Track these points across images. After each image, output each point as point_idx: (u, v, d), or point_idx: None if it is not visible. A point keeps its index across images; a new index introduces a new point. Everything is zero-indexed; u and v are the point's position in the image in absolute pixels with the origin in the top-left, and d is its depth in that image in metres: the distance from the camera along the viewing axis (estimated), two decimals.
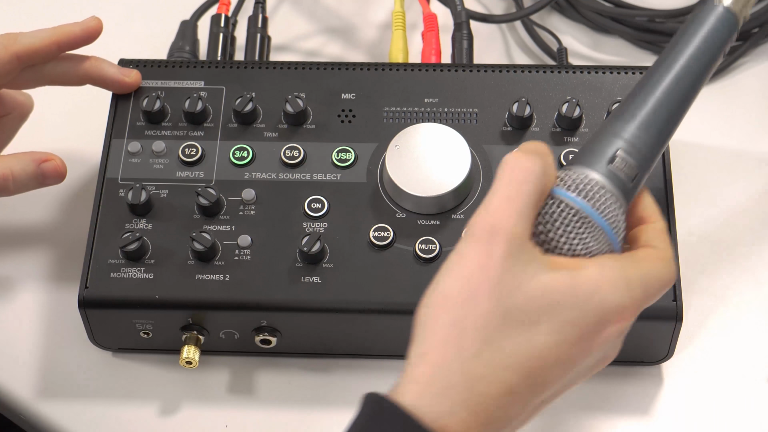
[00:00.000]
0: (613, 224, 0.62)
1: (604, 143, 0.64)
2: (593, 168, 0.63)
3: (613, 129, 0.64)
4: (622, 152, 0.63)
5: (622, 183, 0.63)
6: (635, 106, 0.65)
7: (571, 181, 0.62)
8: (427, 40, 0.87)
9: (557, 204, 0.61)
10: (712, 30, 0.68)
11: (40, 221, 0.85)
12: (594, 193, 0.61)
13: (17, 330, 0.81)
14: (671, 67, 0.67)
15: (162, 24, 0.93)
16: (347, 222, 0.77)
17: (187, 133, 0.80)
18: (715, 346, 0.79)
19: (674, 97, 0.66)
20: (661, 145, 0.65)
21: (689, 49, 0.67)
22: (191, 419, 0.77)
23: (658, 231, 0.64)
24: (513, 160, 0.60)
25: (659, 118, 0.65)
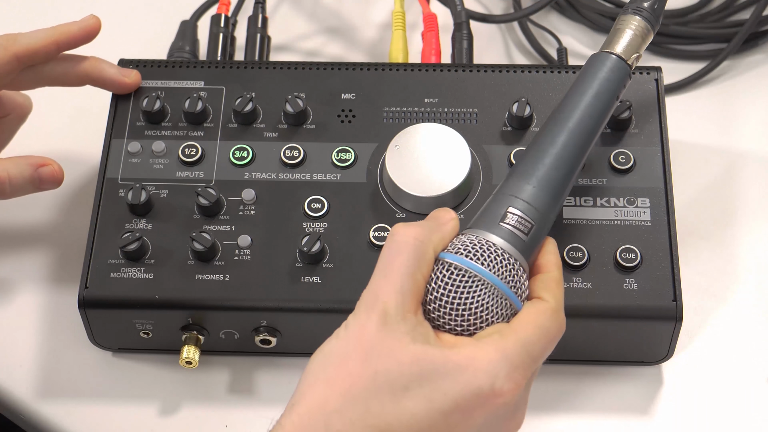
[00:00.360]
0: (507, 279, 0.62)
1: (495, 204, 0.65)
2: (484, 228, 0.63)
3: (504, 189, 0.65)
4: (513, 208, 0.64)
5: (515, 238, 0.63)
6: (527, 164, 0.66)
7: (460, 244, 0.63)
8: (427, 40, 0.87)
9: (445, 268, 0.62)
10: (604, 81, 0.70)
11: (40, 221, 0.85)
12: (484, 252, 0.62)
13: (17, 330, 0.81)
14: (564, 120, 0.68)
15: (162, 24, 0.93)
16: (347, 222, 0.77)
17: (187, 133, 0.80)
18: (715, 346, 0.79)
19: (570, 154, 0.67)
20: (556, 200, 0.66)
21: (583, 103, 0.69)
22: (191, 419, 0.77)
23: (550, 281, 0.64)
24: (392, 235, 0.62)
25: (555, 175, 0.66)
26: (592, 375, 0.77)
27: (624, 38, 0.71)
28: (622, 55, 0.71)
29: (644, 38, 0.72)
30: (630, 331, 0.74)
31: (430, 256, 0.62)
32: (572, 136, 0.67)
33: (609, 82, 0.70)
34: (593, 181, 0.77)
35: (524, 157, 0.67)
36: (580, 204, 0.77)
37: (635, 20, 0.72)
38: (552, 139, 0.67)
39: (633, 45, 0.71)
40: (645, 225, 0.76)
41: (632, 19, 0.72)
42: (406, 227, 0.62)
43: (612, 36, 0.72)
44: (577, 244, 0.75)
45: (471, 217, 0.76)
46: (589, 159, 0.78)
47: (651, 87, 0.81)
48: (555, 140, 0.67)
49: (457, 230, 0.64)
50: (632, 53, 0.71)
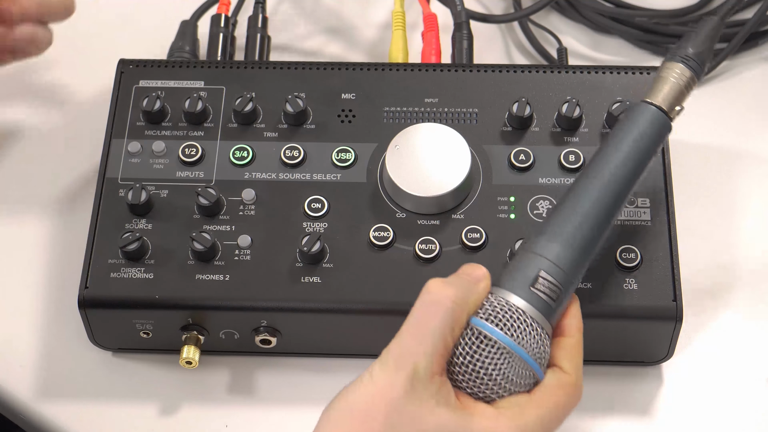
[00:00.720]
0: (534, 351, 0.62)
1: (527, 264, 0.64)
2: (515, 292, 0.63)
3: (536, 247, 0.65)
4: (544, 273, 0.63)
5: (544, 305, 0.63)
6: (561, 222, 0.65)
7: (491, 310, 0.62)
8: (427, 40, 0.87)
9: (474, 335, 0.62)
10: (643, 135, 0.67)
11: (40, 221, 0.85)
12: (513, 321, 0.62)
13: (17, 330, 0.81)
14: (600, 177, 0.66)
15: (162, 24, 0.93)
16: (347, 222, 0.77)
17: (187, 133, 0.80)
18: (715, 346, 0.79)
19: (602, 211, 0.66)
20: (586, 260, 0.65)
21: (619, 156, 0.67)
22: (191, 419, 0.77)
23: (571, 347, 0.64)
24: (428, 293, 0.62)
25: (585, 235, 0.65)
26: (592, 375, 0.77)
27: (667, 89, 0.69)
28: (664, 107, 0.68)
29: (688, 88, 0.70)
30: (630, 331, 0.74)
31: (464, 320, 0.62)
32: (606, 194, 0.66)
33: (648, 137, 0.67)
34: None
35: (557, 214, 0.66)
36: None
37: (679, 68, 0.70)
38: (587, 197, 0.66)
39: (676, 97, 0.69)
40: (645, 225, 0.76)
41: (676, 68, 0.70)
42: (443, 286, 0.62)
43: (656, 85, 0.70)
44: None
45: (471, 218, 0.76)
46: (588, 159, 0.78)
47: None
48: (589, 198, 0.65)
49: (489, 289, 0.64)
50: (675, 105, 0.69)
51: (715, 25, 0.72)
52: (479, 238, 0.75)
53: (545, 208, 0.77)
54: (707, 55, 0.71)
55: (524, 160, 0.78)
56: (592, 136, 0.79)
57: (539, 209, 0.77)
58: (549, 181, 0.78)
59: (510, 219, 0.76)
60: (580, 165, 0.78)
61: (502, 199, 0.77)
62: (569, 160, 0.78)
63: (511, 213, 0.77)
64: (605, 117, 0.80)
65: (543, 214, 0.76)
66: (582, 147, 0.79)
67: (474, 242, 0.75)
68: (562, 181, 0.78)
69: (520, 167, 0.78)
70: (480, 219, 0.76)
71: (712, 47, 0.71)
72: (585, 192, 0.66)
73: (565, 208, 0.66)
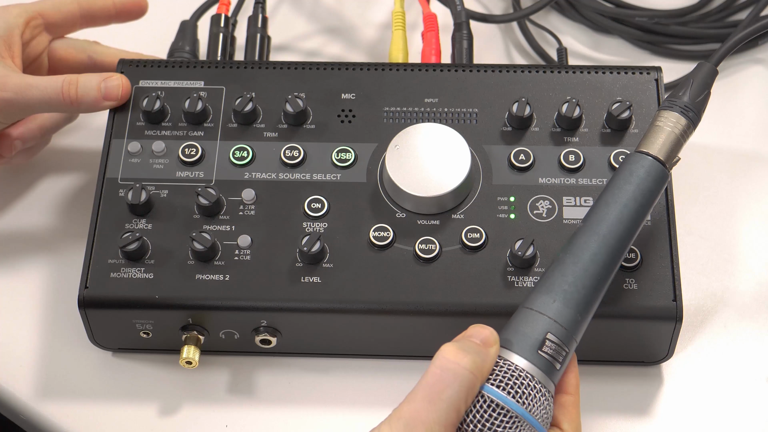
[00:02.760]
0: (541, 416, 0.62)
1: (532, 324, 0.64)
2: (523, 355, 0.63)
3: (540, 307, 0.64)
4: (551, 335, 0.63)
5: (551, 367, 0.63)
6: (563, 279, 0.65)
7: (502, 376, 0.62)
8: (427, 40, 0.87)
9: (487, 404, 0.62)
10: (641, 187, 0.67)
11: (40, 221, 0.85)
12: (524, 388, 0.62)
13: (17, 330, 0.81)
14: (599, 232, 0.66)
15: (162, 24, 0.93)
16: (347, 222, 0.77)
17: (187, 133, 0.80)
18: (715, 346, 0.79)
19: (602, 266, 0.66)
20: (586, 318, 0.65)
21: (617, 209, 0.67)
22: (191, 419, 0.77)
23: (570, 406, 0.65)
24: (444, 360, 0.61)
25: (587, 293, 0.65)
26: (592, 375, 0.77)
27: (664, 139, 0.69)
28: (661, 158, 0.68)
29: (684, 138, 0.69)
30: (630, 331, 0.74)
31: (477, 389, 0.62)
32: (607, 250, 0.66)
33: (647, 190, 0.67)
34: (593, 181, 0.78)
35: (559, 271, 0.65)
36: (580, 204, 0.77)
37: (674, 117, 0.69)
38: (588, 253, 0.65)
39: (673, 147, 0.69)
40: (645, 225, 0.76)
41: (672, 117, 0.69)
42: (459, 354, 0.61)
43: (651, 134, 0.69)
44: None
45: (471, 218, 0.76)
46: (589, 159, 0.78)
47: (651, 87, 0.81)
48: (591, 254, 0.65)
49: (498, 353, 0.64)
50: (672, 156, 0.69)
51: (709, 72, 0.72)
52: (479, 238, 0.75)
53: (545, 208, 0.77)
54: (703, 104, 0.70)
55: (524, 160, 0.78)
56: (592, 136, 0.79)
57: (539, 209, 0.77)
58: (549, 181, 0.78)
59: (510, 219, 0.76)
60: (580, 165, 0.78)
61: (502, 199, 0.77)
62: (569, 160, 0.78)
63: (511, 213, 0.77)
64: (605, 117, 0.80)
65: (543, 214, 0.76)
66: (582, 147, 0.79)
67: (474, 242, 0.75)
68: (562, 181, 0.78)
69: (520, 167, 0.78)
70: (480, 219, 0.76)
71: (708, 95, 0.71)
72: (586, 248, 0.66)
73: (566, 265, 0.66)
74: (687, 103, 0.70)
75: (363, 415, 0.77)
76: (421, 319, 0.74)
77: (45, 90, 0.77)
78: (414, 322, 0.75)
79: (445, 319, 0.74)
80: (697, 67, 0.72)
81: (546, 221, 0.76)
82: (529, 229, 0.76)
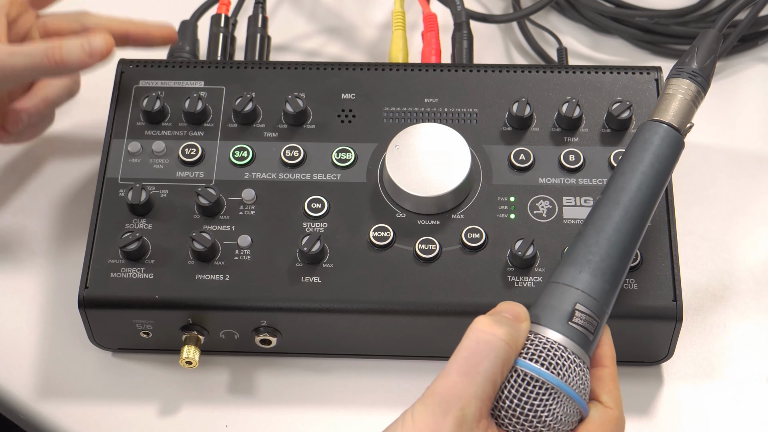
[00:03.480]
0: (578, 387, 0.62)
1: (560, 298, 0.63)
2: (554, 327, 0.62)
3: (567, 279, 0.64)
4: (581, 305, 0.63)
5: (583, 338, 0.62)
6: (587, 251, 0.64)
7: (534, 349, 0.61)
8: (427, 40, 0.87)
9: (521, 378, 0.61)
10: (658, 154, 0.67)
11: (41, 221, 0.85)
12: (558, 359, 0.61)
13: (17, 330, 0.81)
14: (620, 201, 0.66)
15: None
16: (347, 222, 0.77)
17: (187, 133, 0.80)
18: (715, 346, 0.79)
19: (626, 235, 0.65)
20: (616, 288, 0.65)
21: (636, 178, 0.66)
22: (191, 419, 0.77)
23: (608, 378, 0.64)
24: (479, 331, 0.60)
25: (613, 262, 0.64)
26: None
27: (676, 105, 0.69)
28: (675, 125, 0.68)
29: (696, 104, 0.70)
30: (630, 331, 0.74)
31: (512, 361, 0.61)
32: (630, 219, 0.65)
33: (664, 157, 0.67)
34: (593, 181, 0.78)
35: (583, 243, 0.65)
36: (580, 204, 0.77)
37: (685, 84, 0.70)
38: (610, 223, 0.65)
39: (686, 113, 0.69)
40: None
41: (682, 84, 0.70)
42: (494, 325, 0.60)
43: (663, 102, 0.69)
44: None
45: (471, 218, 0.76)
46: (589, 159, 0.78)
47: (651, 87, 0.81)
48: (613, 224, 0.65)
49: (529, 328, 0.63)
50: (686, 122, 0.69)
51: (714, 38, 0.72)
52: (479, 238, 0.75)
53: (545, 208, 0.77)
54: (711, 69, 0.71)
55: (524, 160, 0.78)
56: (592, 136, 0.79)
57: (539, 209, 0.77)
58: (549, 181, 0.78)
59: (510, 219, 0.76)
60: (580, 165, 0.78)
61: (502, 199, 0.77)
62: (569, 160, 0.78)
63: (511, 213, 0.77)
64: (605, 117, 0.80)
65: (543, 214, 0.76)
66: (582, 147, 0.79)
67: (474, 242, 0.75)
68: (562, 181, 0.78)
69: (520, 167, 0.78)
70: (480, 219, 0.76)
71: (714, 60, 0.71)
72: (608, 219, 0.65)
73: (590, 237, 0.65)
74: (695, 69, 0.70)
75: (363, 415, 0.77)
76: (421, 319, 0.74)
77: (30, 54, 0.77)
78: (414, 322, 0.75)
79: (445, 319, 0.74)
80: (701, 35, 0.72)
81: (546, 221, 0.76)
82: (529, 229, 0.76)
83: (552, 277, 0.65)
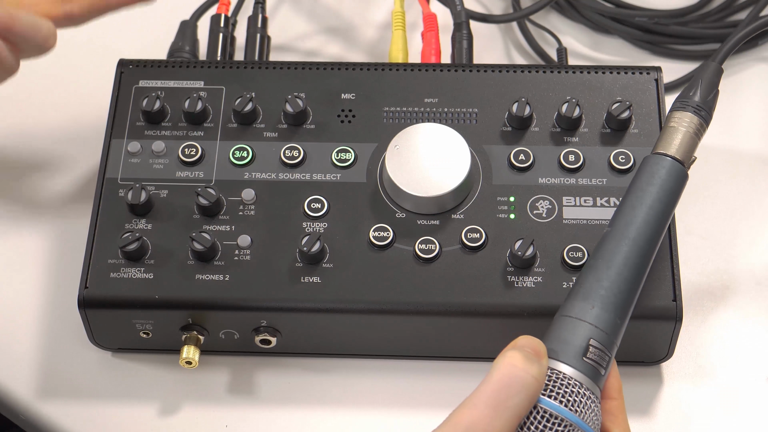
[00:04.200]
0: (593, 422, 0.62)
1: (573, 332, 0.63)
2: (570, 363, 0.62)
3: (579, 313, 0.64)
4: (594, 341, 0.63)
5: (596, 372, 0.63)
6: (599, 285, 0.65)
7: (552, 386, 0.61)
8: (427, 40, 0.87)
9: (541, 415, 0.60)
10: (664, 188, 0.68)
11: (40, 221, 0.85)
12: (575, 396, 0.61)
13: (17, 330, 0.81)
14: (629, 235, 0.66)
15: (162, 24, 0.93)
16: (347, 222, 0.77)
17: (187, 133, 0.80)
18: (715, 346, 0.79)
19: (635, 269, 0.66)
20: (625, 321, 0.65)
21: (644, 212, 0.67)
22: (191, 419, 0.77)
23: (616, 411, 0.64)
24: (512, 367, 0.59)
25: (624, 296, 0.65)
26: None
27: (680, 139, 0.70)
28: (679, 158, 0.69)
29: (699, 136, 0.71)
30: (630, 331, 0.74)
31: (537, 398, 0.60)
32: (638, 253, 0.66)
33: (670, 191, 0.68)
34: (593, 181, 0.78)
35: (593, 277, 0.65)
36: (580, 204, 0.77)
37: (687, 118, 0.70)
38: (620, 257, 0.65)
39: (690, 146, 0.70)
40: None
41: (685, 117, 0.70)
42: (526, 363, 0.60)
43: (667, 135, 0.70)
44: (577, 244, 0.75)
45: (471, 218, 0.76)
46: (589, 159, 0.78)
47: (651, 87, 0.81)
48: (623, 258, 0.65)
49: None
50: (690, 155, 0.70)
51: (715, 71, 0.73)
52: (479, 238, 0.75)
53: (545, 208, 0.77)
54: (713, 102, 0.72)
55: (524, 160, 0.78)
56: (592, 136, 0.79)
57: (539, 209, 0.77)
58: (549, 181, 0.78)
59: (510, 219, 0.76)
60: (580, 165, 0.78)
61: (501, 199, 0.77)
62: (569, 160, 0.78)
63: (511, 213, 0.77)
64: (605, 117, 0.80)
65: (543, 214, 0.76)
66: (582, 147, 0.79)
67: (474, 242, 0.75)
68: (562, 181, 0.78)
69: (520, 167, 0.78)
70: (480, 219, 0.76)
71: (716, 94, 0.72)
72: (617, 252, 0.66)
73: (600, 271, 0.65)
74: (698, 102, 0.71)
75: (363, 415, 0.77)
76: (421, 319, 0.74)
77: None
78: (414, 322, 0.75)
79: (445, 319, 0.74)
80: (701, 67, 0.73)
81: (546, 221, 0.76)
82: (529, 229, 0.76)
83: (562, 309, 0.65)
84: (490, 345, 0.75)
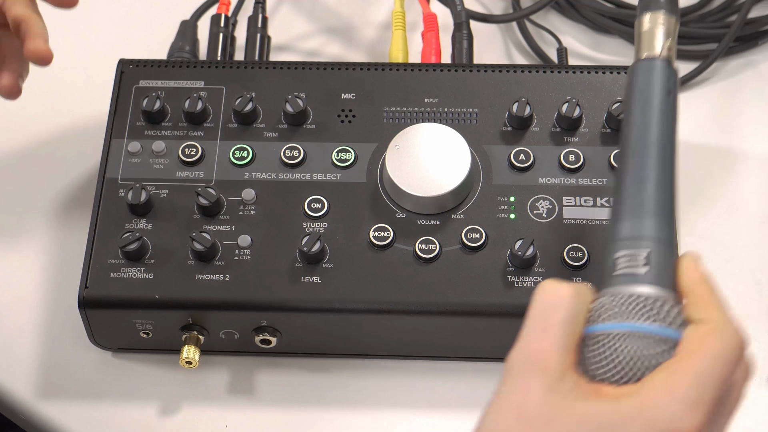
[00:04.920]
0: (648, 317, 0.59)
1: (606, 259, 0.61)
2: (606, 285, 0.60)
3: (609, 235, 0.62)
4: (618, 253, 0.61)
5: (634, 277, 0.60)
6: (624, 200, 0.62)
7: (592, 312, 0.59)
8: (427, 40, 0.87)
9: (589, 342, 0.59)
10: (664, 89, 0.66)
11: (40, 221, 0.85)
12: (614, 306, 0.59)
13: (17, 330, 0.81)
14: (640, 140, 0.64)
15: (162, 24, 0.93)
16: (347, 222, 0.77)
17: (187, 133, 0.80)
18: None
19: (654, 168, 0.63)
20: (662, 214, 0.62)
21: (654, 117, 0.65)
22: (191, 419, 0.77)
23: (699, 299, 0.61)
24: (542, 291, 0.58)
25: (650, 194, 0.62)
26: None
27: (660, 39, 0.68)
28: (665, 57, 0.67)
29: (675, 32, 0.69)
30: None
31: (583, 318, 0.59)
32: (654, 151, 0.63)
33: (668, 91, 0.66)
34: (593, 181, 0.78)
35: (618, 192, 0.63)
36: (580, 204, 0.77)
37: (661, 16, 0.69)
38: (638, 161, 0.63)
39: (672, 44, 0.68)
40: None
41: (658, 17, 0.69)
42: (557, 283, 0.58)
43: (644, 39, 0.69)
44: (577, 244, 0.75)
45: (471, 218, 0.76)
46: (589, 159, 0.78)
47: None
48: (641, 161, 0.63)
49: None
50: (672, 52, 0.68)
51: None
52: (479, 238, 0.75)
53: (545, 208, 0.77)
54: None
55: (524, 160, 0.78)
56: (592, 136, 0.79)
57: (539, 209, 0.77)
58: (549, 181, 0.78)
59: (510, 219, 0.76)
60: (580, 165, 0.78)
61: (502, 199, 0.77)
62: (569, 160, 0.78)
63: (511, 213, 0.77)
64: (605, 117, 0.80)
65: (543, 214, 0.76)
66: (582, 147, 0.79)
67: (474, 242, 0.75)
68: (562, 181, 0.78)
69: (520, 167, 0.78)
70: (480, 219, 0.76)
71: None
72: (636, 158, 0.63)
73: (626, 186, 0.63)
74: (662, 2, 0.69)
75: (363, 415, 0.77)
76: (421, 319, 0.74)
77: None
78: (414, 322, 0.75)
79: (445, 319, 0.74)
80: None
81: (546, 221, 0.76)
82: (529, 229, 0.76)
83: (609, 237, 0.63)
84: (491, 345, 0.75)
